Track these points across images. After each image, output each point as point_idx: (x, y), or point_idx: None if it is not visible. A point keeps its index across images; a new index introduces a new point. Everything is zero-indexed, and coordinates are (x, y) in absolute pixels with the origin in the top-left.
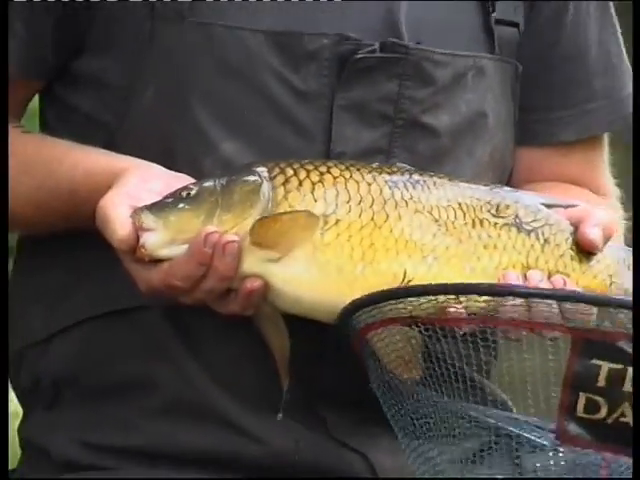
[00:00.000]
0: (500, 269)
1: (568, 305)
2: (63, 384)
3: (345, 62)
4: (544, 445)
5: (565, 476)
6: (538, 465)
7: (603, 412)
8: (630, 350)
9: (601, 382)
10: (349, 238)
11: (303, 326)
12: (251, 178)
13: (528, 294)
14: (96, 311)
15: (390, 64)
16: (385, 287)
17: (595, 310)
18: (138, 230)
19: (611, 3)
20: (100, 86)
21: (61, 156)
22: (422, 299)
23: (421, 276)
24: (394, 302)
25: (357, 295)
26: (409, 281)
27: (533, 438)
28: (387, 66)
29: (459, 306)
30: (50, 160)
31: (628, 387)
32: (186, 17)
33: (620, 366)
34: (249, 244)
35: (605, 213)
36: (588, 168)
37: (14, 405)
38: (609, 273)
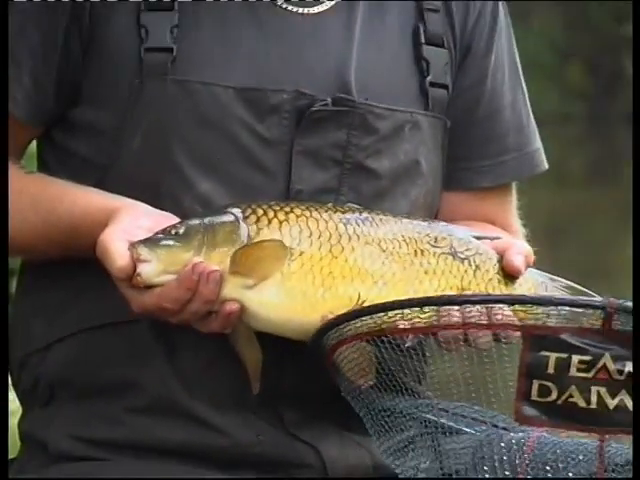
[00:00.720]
0: (439, 291)
1: (517, 307)
2: (58, 385)
3: (302, 114)
4: (461, 429)
5: (480, 453)
6: (455, 446)
7: (554, 395)
8: (572, 341)
9: (550, 370)
10: (311, 267)
11: (267, 337)
12: (229, 219)
13: (486, 300)
14: (88, 324)
15: (340, 116)
16: (343, 309)
17: (540, 309)
18: (135, 261)
19: (520, 71)
20: (94, 133)
21: (61, 195)
22: (375, 317)
23: (373, 298)
24: (351, 323)
25: (319, 315)
26: (363, 302)
27: (451, 424)
28: (337, 117)
29: (405, 320)
30: (52, 198)
31: (573, 372)
32: (168, 74)
33: (565, 355)
34: (229, 273)
35: (525, 244)
36: (501, 210)
37: (15, 403)
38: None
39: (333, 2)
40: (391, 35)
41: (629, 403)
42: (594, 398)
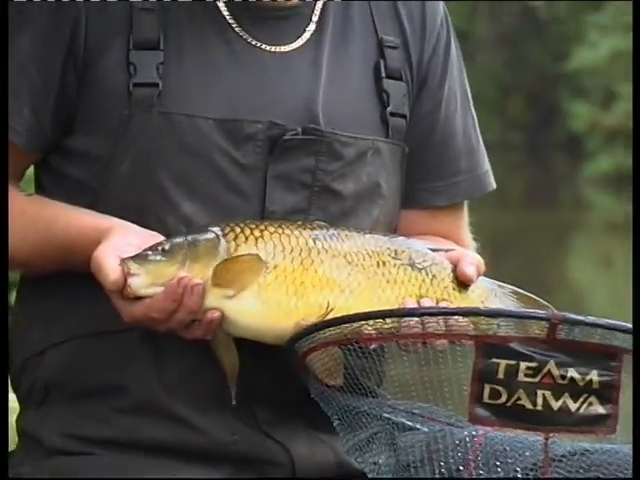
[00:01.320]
0: (400, 298)
1: (473, 317)
2: (52, 387)
3: (275, 142)
4: (416, 427)
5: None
6: (410, 442)
7: (503, 398)
8: (520, 349)
9: (500, 375)
10: (285, 279)
11: (244, 343)
12: (210, 236)
13: (443, 312)
14: (81, 332)
15: (309, 144)
16: (314, 315)
17: (493, 320)
18: (125, 275)
19: (470, 99)
20: (87, 159)
21: (57, 216)
22: (343, 326)
23: (340, 306)
24: (322, 331)
25: (293, 322)
26: (331, 309)
27: (405, 422)
28: (307, 145)
29: (370, 328)
30: (49, 219)
31: (521, 377)
32: (154, 107)
33: (514, 362)
34: (210, 285)
35: (476, 255)
36: (454, 226)
37: (15, 403)
38: (481, 300)
39: (302, 41)
40: (355, 70)
41: (571, 405)
42: (540, 400)
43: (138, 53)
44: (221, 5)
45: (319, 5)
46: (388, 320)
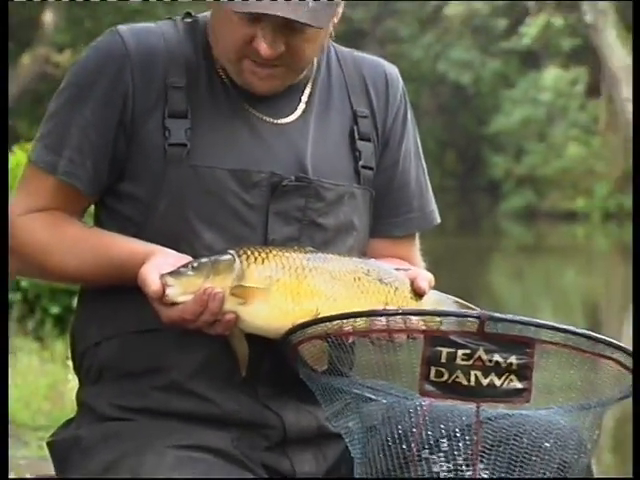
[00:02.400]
0: (371, 306)
1: (424, 317)
2: (104, 370)
3: (275, 187)
4: (377, 399)
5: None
6: (372, 410)
7: (445, 377)
8: (457, 340)
9: (443, 360)
10: (284, 290)
11: (252, 337)
12: (228, 257)
13: (401, 313)
14: (127, 329)
15: (300, 189)
16: (306, 317)
17: (438, 318)
18: (164, 286)
19: (422, 154)
20: (133, 200)
21: (112, 243)
22: (326, 324)
23: (326, 310)
24: (311, 327)
25: (290, 322)
26: (319, 313)
27: (370, 396)
28: (298, 190)
29: (347, 326)
30: (106, 245)
31: (459, 361)
32: (184, 161)
33: (453, 350)
34: (228, 294)
35: (428, 273)
36: (409, 250)
37: (74, 381)
38: (432, 306)
39: (295, 116)
40: (335, 134)
41: (496, 381)
42: (472, 378)
43: (171, 121)
44: (231, 88)
45: (308, 86)
46: (360, 320)
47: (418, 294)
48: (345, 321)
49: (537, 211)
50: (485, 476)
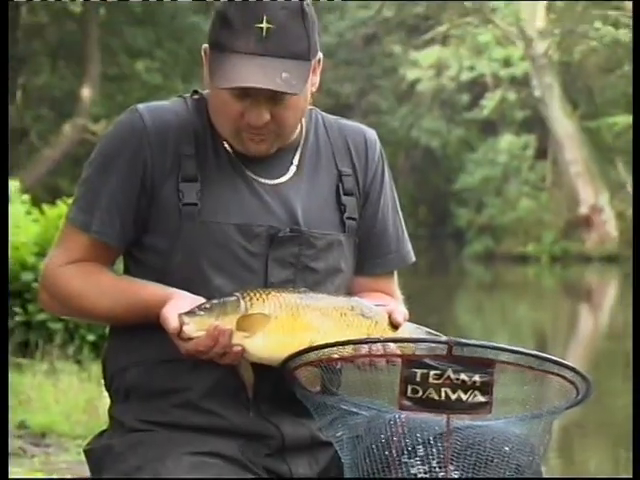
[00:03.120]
0: (355, 336)
1: (401, 344)
2: (131, 390)
3: (273, 238)
4: (360, 412)
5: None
6: (356, 421)
7: (420, 393)
8: (430, 362)
9: (417, 379)
10: (282, 325)
11: (256, 365)
12: (234, 299)
13: (380, 341)
14: (150, 358)
15: (294, 239)
16: (301, 348)
17: (412, 345)
18: (181, 324)
19: (398, 203)
20: (154, 250)
21: (137, 287)
22: (319, 352)
23: (318, 342)
24: (305, 355)
25: (287, 353)
26: (312, 344)
27: (355, 410)
28: (293, 240)
29: (335, 354)
30: (132, 289)
31: (431, 380)
32: (196, 218)
33: (426, 371)
34: (235, 330)
35: (403, 307)
36: (388, 286)
37: (107, 398)
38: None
39: (287, 177)
40: (322, 190)
41: (463, 396)
42: (443, 394)
43: (184, 184)
44: (233, 154)
45: (298, 150)
46: (347, 348)
47: (394, 326)
48: (335, 349)
49: (495, 254)
50: (455, 476)
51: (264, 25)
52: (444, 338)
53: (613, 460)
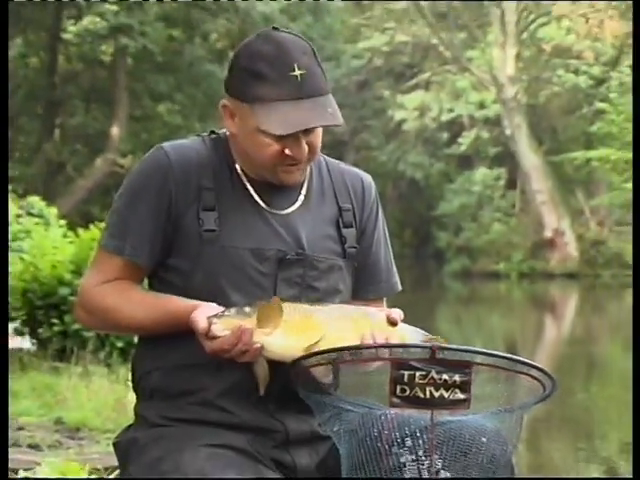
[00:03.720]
0: (360, 335)
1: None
2: (154, 391)
3: (282, 260)
4: (355, 410)
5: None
6: (350, 418)
7: (407, 392)
8: (416, 365)
9: (405, 379)
10: (296, 326)
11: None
12: (254, 306)
13: (374, 346)
14: (171, 363)
15: (300, 261)
16: (313, 344)
17: (400, 349)
18: (210, 324)
19: (388, 236)
20: (177, 271)
21: (167, 301)
22: (325, 356)
23: (327, 338)
24: (318, 356)
25: (302, 349)
26: (322, 339)
27: (350, 408)
28: (298, 262)
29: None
30: (162, 303)
31: (417, 380)
32: (215, 243)
33: (412, 372)
34: (256, 327)
35: (399, 310)
36: (379, 305)
37: (133, 397)
38: (401, 335)
39: (295, 207)
40: (325, 222)
41: (445, 394)
42: (428, 393)
43: (204, 213)
44: (248, 186)
45: (304, 187)
46: (346, 353)
47: (392, 323)
48: (334, 354)
49: (471, 272)
50: (439, 463)
51: (297, 72)
52: (428, 343)
53: (573, 449)
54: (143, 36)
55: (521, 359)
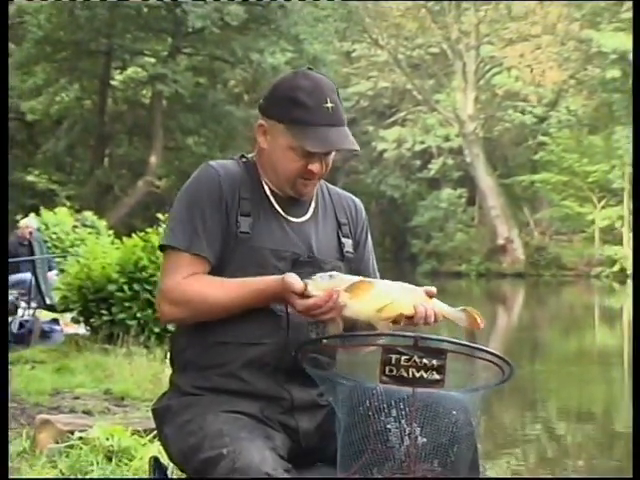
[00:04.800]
0: (414, 303)
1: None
2: (187, 364)
3: (295, 261)
4: (348, 384)
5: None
6: (342, 389)
7: (395, 372)
8: (402, 350)
9: (393, 362)
10: (369, 293)
11: (283, 351)
12: (333, 275)
13: (371, 335)
14: (203, 341)
15: (310, 262)
16: (378, 309)
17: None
18: (305, 285)
19: (373, 251)
20: (220, 262)
21: (243, 281)
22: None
23: (392, 306)
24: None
25: (375, 311)
26: (390, 303)
27: (344, 382)
28: (309, 262)
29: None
30: (240, 283)
31: (403, 362)
32: (247, 243)
33: (399, 356)
34: (342, 291)
35: (433, 287)
36: None
37: (168, 368)
38: (439, 306)
39: (307, 217)
40: (328, 232)
41: (424, 375)
42: (411, 373)
43: (242, 218)
44: (272, 198)
45: (313, 202)
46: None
47: (430, 296)
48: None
49: (439, 272)
50: (417, 430)
51: (329, 105)
52: (412, 333)
53: (520, 415)
54: (175, 83)
55: (487, 349)
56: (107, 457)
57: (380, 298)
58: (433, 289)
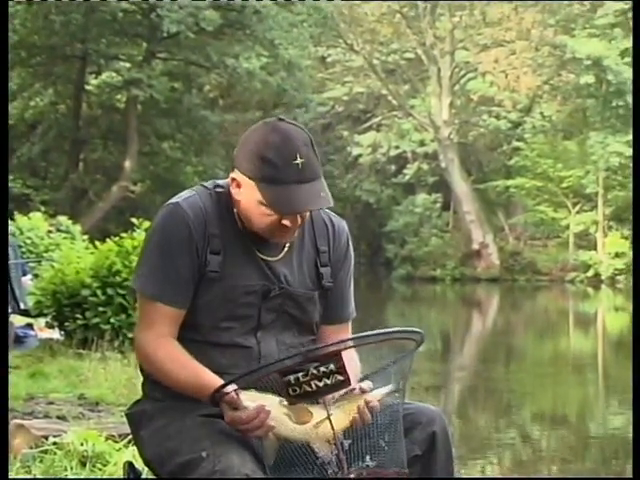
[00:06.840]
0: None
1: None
2: (154, 383)
3: (267, 294)
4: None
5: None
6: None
7: (299, 390)
8: (296, 368)
9: (293, 382)
10: (304, 415)
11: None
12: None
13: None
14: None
15: (282, 294)
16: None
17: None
18: (237, 395)
19: (352, 274)
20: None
21: (201, 372)
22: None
23: (326, 424)
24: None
25: (310, 429)
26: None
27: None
28: (280, 295)
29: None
30: (195, 373)
31: (301, 379)
32: (216, 281)
33: (295, 375)
34: (272, 408)
35: (368, 382)
36: (345, 331)
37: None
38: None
39: (281, 255)
40: (305, 263)
41: (327, 381)
42: (314, 386)
43: (211, 256)
44: (245, 236)
45: None
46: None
47: (363, 391)
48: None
49: (413, 277)
50: (341, 435)
51: (299, 161)
52: (300, 352)
53: (494, 412)
54: (150, 88)
55: (396, 329)
56: (81, 462)
57: (299, 419)
58: (365, 385)
